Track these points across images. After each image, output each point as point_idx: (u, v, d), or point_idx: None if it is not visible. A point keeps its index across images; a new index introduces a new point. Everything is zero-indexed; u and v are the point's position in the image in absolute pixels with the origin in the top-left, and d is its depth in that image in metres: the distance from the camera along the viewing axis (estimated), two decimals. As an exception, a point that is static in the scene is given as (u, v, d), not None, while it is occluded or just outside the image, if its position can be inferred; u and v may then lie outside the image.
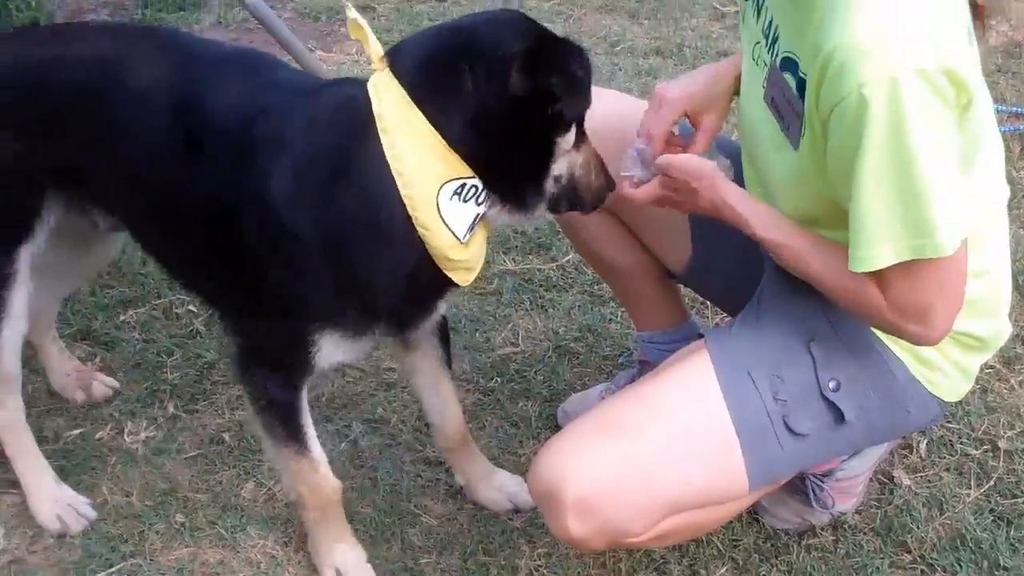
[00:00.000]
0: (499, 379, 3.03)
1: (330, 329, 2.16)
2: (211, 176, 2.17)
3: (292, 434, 2.32)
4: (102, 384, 2.98)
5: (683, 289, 2.90)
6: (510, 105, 2.02)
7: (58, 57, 2.36)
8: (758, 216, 2.03)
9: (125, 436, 2.84)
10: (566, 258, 3.46)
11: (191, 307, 3.25)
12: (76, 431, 2.84)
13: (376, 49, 2.09)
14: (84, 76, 2.33)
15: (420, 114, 2.00)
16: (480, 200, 2.10)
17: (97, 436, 2.84)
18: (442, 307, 2.34)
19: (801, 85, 1.90)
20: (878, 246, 1.81)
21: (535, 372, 3.05)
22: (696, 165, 2.09)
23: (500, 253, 3.48)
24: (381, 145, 2.01)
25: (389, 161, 2.01)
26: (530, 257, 3.49)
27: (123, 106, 2.29)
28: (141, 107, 2.28)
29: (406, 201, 2.02)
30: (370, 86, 2.05)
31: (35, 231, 2.44)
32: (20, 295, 2.46)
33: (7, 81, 2.36)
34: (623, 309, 3.13)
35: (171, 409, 2.92)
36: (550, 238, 3.52)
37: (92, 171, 2.38)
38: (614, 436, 2.07)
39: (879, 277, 1.87)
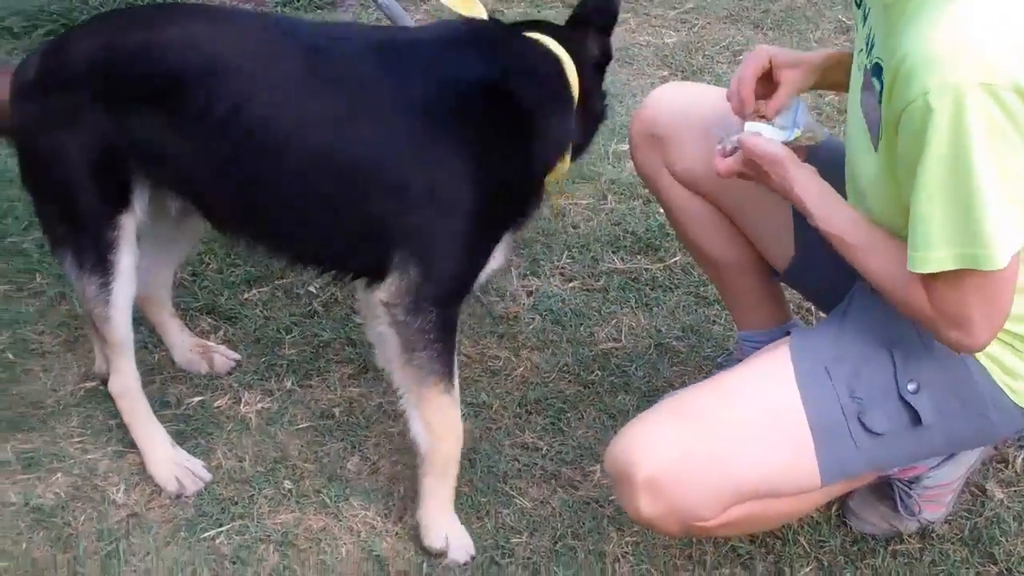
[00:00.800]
0: (600, 372, 3.11)
1: (504, 234, 2.53)
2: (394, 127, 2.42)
3: (445, 368, 2.49)
4: (224, 357, 3.13)
5: (791, 295, 2.95)
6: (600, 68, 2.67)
7: (148, 41, 2.50)
8: (820, 208, 2.10)
9: (241, 406, 2.99)
10: (673, 259, 3.52)
11: (312, 288, 3.40)
12: (196, 399, 3.01)
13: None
14: (178, 61, 2.47)
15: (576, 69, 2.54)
16: None
17: (216, 404, 2.99)
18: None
19: (883, 90, 1.95)
20: (933, 250, 1.85)
21: (636, 368, 3.12)
22: (771, 151, 2.16)
23: (609, 252, 3.56)
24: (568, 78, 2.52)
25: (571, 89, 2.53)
26: (638, 257, 3.55)
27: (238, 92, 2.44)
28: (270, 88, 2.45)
29: None
30: (543, 41, 2.54)
31: (131, 202, 2.56)
32: (126, 258, 2.58)
33: (101, 60, 2.49)
34: (728, 312, 3.18)
35: (287, 383, 3.06)
36: (659, 239, 3.59)
37: (177, 155, 2.51)
38: (687, 420, 2.13)
39: (927, 280, 1.91)
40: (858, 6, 2.27)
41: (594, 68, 2.64)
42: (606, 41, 2.66)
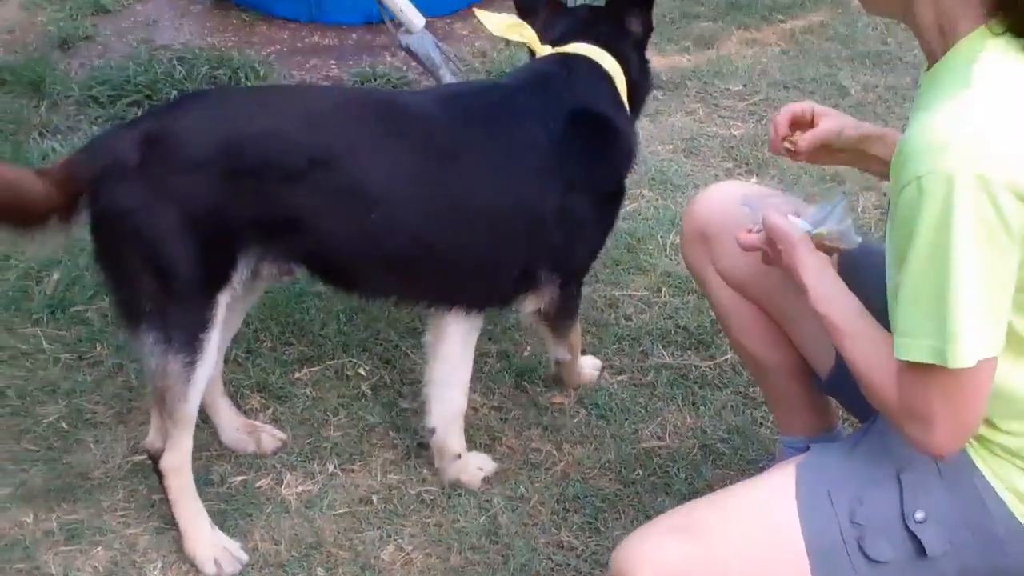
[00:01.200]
0: (641, 471, 3.09)
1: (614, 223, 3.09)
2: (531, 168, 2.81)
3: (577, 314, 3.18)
4: (271, 436, 3.16)
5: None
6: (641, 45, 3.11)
7: (278, 126, 2.64)
8: (818, 290, 2.10)
9: (283, 487, 3.01)
10: (724, 357, 3.50)
11: (361, 370, 3.44)
12: (239, 478, 3.04)
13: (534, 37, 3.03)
14: (311, 142, 2.63)
15: (619, 66, 2.99)
16: None
17: (258, 484, 3.02)
18: None
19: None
20: (910, 338, 1.84)
21: (678, 468, 3.10)
22: (784, 229, 2.17)
23: (659, 346, 3.55)
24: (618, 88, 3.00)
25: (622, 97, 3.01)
26: (688, 352, 3.54)
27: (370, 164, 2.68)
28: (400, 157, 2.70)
29: None
30: (589, 53, 2.96)
31: (232, 279, 2.63)
32: (215, 339, 2.63)
33: (228, 145, 2.57)
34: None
35: (329, 467, 3.09)
36: (711, 335, 3.57)
37: (318, 228, 2.66)
38: (685, 534, 2.10)
39: (899, 368, 1.89)
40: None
41: (636, 50, 3.06)
42: (647, 17, 3.07)
